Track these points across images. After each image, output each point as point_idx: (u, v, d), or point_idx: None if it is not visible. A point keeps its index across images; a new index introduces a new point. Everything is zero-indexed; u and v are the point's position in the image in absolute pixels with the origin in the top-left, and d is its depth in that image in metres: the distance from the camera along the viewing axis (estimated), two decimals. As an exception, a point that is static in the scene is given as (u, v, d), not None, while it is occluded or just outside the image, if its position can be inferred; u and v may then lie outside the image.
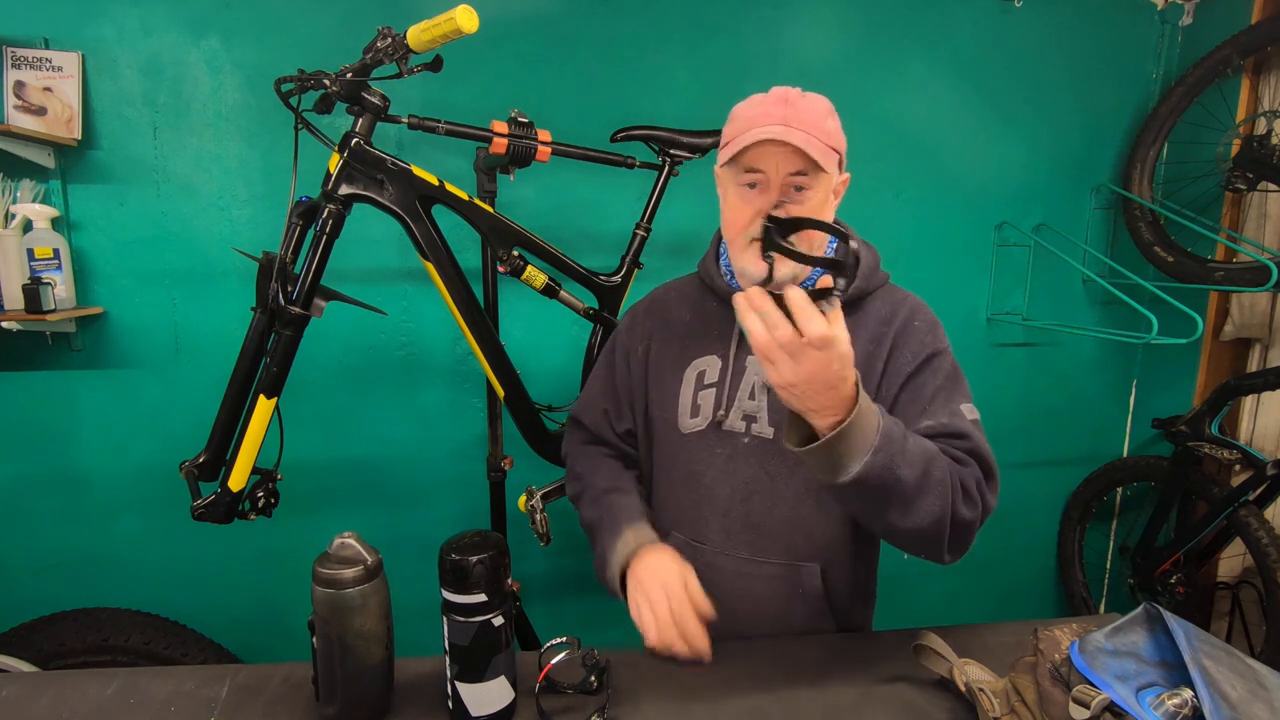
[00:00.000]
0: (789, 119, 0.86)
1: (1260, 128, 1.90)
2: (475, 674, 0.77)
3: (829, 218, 0.95)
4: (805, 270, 0.93)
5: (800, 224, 0.78)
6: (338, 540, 0.79)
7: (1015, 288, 2.08)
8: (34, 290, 1.40)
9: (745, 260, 0.94)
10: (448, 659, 0.78)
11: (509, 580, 0.80)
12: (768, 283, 0.74)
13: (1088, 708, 0.65)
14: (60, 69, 1.49)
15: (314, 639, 0.78)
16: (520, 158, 1.36)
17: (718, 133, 0.98)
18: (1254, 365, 2.08)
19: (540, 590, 1.92)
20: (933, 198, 1.97)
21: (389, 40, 1.10)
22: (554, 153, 1.39)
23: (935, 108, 1.92)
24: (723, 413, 1.00)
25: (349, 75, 1.15)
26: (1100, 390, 2.20)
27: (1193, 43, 2.01)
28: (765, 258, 0.74)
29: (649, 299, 1.16)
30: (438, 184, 1.28)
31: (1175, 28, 2.03)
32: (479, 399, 1.79)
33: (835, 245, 1.03)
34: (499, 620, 0.77)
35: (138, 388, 1.65)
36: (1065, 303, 2.12)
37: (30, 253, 1.47)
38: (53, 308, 1.43)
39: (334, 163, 1.20)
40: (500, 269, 1.38)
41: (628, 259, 1.52)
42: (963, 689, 0.81)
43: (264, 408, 1.19)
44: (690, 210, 1.76)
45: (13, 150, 1.45)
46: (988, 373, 2.11)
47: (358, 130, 1.20)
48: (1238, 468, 2.03)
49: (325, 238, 1.19)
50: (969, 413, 0.92)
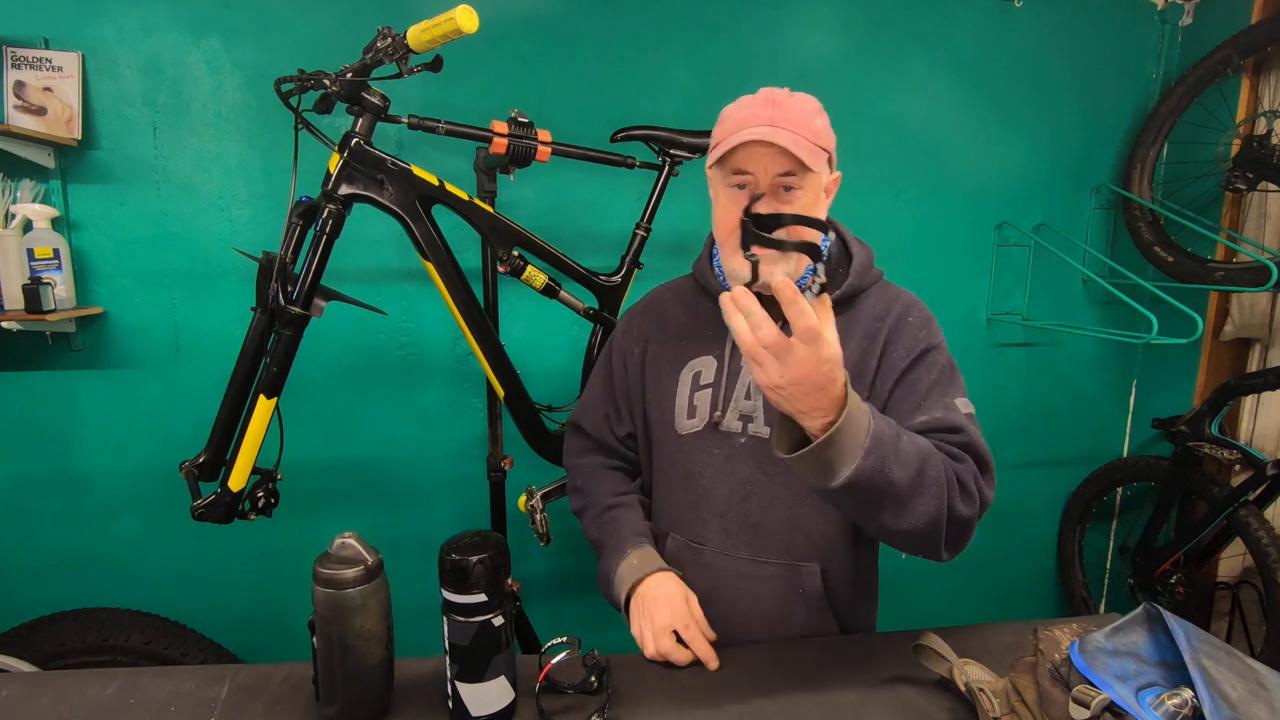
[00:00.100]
0: (776, 119, 0.86)
1: (1260, 128, 1.90)
2: (475, 674, 0.77)
3: (821, 216, 0.95)
4: (797, 274, 0.93)
5: (780, 220, 0.77)
6: (338, 540, 0.79)
7: (1015, 288, 2.08)
8: (34, 290, 1.40)
9: (735, 262, 0.94)
10: (448, 659, 0.78)
11: (509, 580, 0.80)
12: (753, 283, 0.73)
13: (1088, 708, 0.65)
14: (60, 69, 1.49)
15: (314, 639, 0.78)
16: (520, 158, 1.36)
17: (717, 133, 0.98)
18: (1254, 365, 2.08)
19: (540, 590, 1.92)
20: (933, 198, 1.97)
21: (389, 40, 1.10)
22: (554, 153, 1.39)
23: (935, 108, 1.92)
24: (719, 413, 1.00)
25: (349, 75, 1.15)
26: (1100, 390, 2.20)
27: (1193, 43, 2.01)
28: (747, 256, 0.73)
29: (645, 301, 1.16)
30: (438, 184, 1.28)
31: (1175, 28, 2.03)
32: (479, 399, 1.79)
33: (829, 243, 1.03)
34: (499, 620, 0.77)
35: (138, 388, 1.65)
36: (1065, 303, 2.12)
37: (30, 253, 1.47)
38: (53, 308, 1.43)
39: (334, 163, 1.20)
40: (500, 269, 1.38)
41: (628, 259, 1.53)
42: (963, 689, 0.81)
43: (264, 408, 1.20)
44: (690, 210, 1.76)
45: (13, 150, 1.45)
46: (988, 373, 2.11)
47: (358, 130, 1.20)
48: (1238, 468, 2.03)
49: (325, 238, 1.19)
50: (964, 407, 0.92)
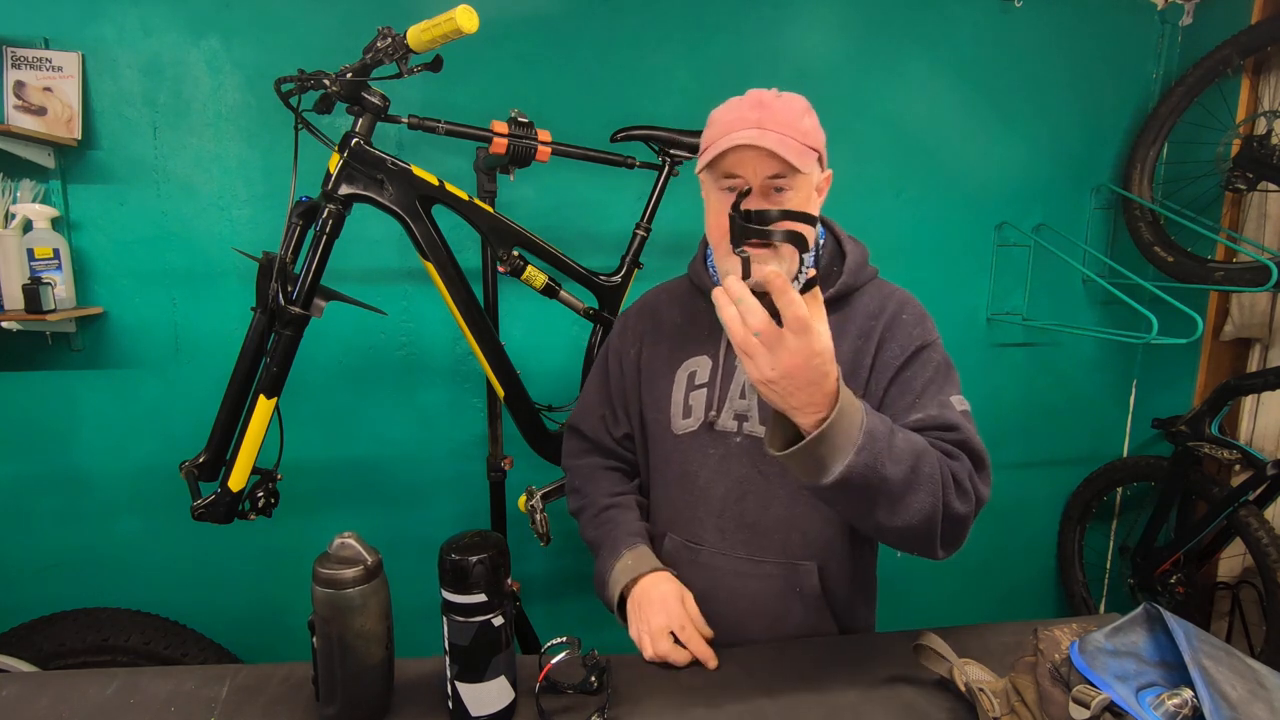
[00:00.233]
0: (764, 121, 0.86)
1: (1260, 128, 1.90)
2: (475, 674, 0.77)
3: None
4: (789, 272, 0.92)
5: (768, 215, 0.77)
6: (338, 540, 0.79)
7: (1015, 288, 2.08)
8: (34, 290, 1.40)
9: (729, 263, 0.93)
10: (448, 659, 0.78)
11: (509, 580, 0.80)
12: (745, 280, 0.73)
13: (1088, 708, 0.65)
14: (60, 69, 1.49)
15: (314, 639, 0.78)
16: (520, 158, 1.36)
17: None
18: (1254, 365, 2.08)
19: (540, 590, 1.92)
20: (933, 198, 1.97)
21: (389, 40, 1.10)
22: (554, 153, 1.39)
23: (935, 108, 1.92)
24: (714, 413, 1.00)
25: (349, 75, 1.15)
26: (1100, 390, 2.20)
27: (1193, 43, 2.01)
28: (737, 252, 0.73)
29: (640, 302, 1.16)
30: (438, 184, 1.28)
31: (1175, 28, 2.03)
32: (479, 399, 1.79)
33: (824, 238, 1.03)
34: (499, 620, 0.77)
35: (138, 388, 1.65)
36: (1065, 303, 2.12)
37: (30, 253, 1.47)
38: (53, 308, 1.43)
39: (334, 163, 1.20)
40: (500, 269, 1.38)
41: (628, 259, 1.52)
42: (963, 689, 0.81)
43: (264, 408, 1.20)
44: (690, 210, 1.74)
45: (13, 150, 1.45)
46: (988, 373, 2.11)
47: (358, 130, 1.20)
48: (1238, 468, 2.03)
49: (325, 238, 1.19)
50: (959, 404, 0.92)
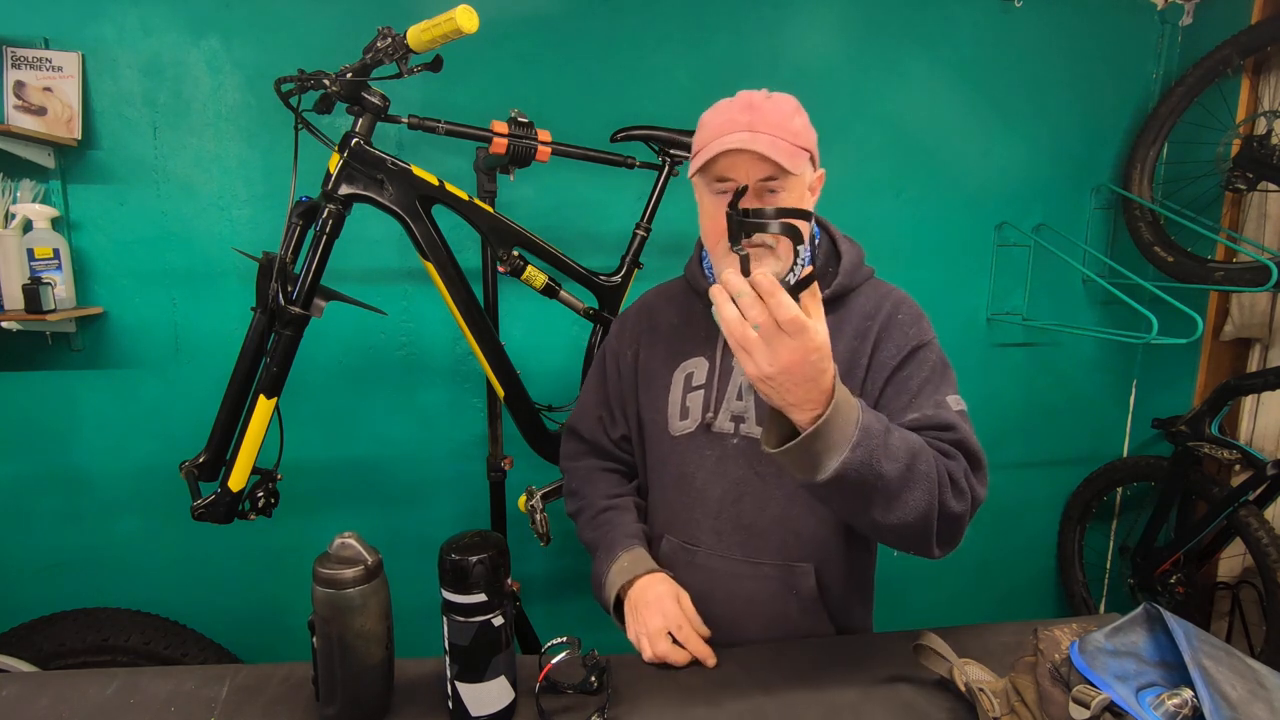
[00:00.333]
0: (754, 124, 0.86)
1: (1260, 128, 1.89)
2: (475, 674, 0.77)
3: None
4: (784, 271, 0.93)
5: (764, 212, 0.77)
6: (338, 540, 0.79)
7: (1015, 288, 2.08)
8: (34, 290, 1.40)
9: (725, 265, 0.93)
10: (448, 659, 0.78)
11: (509, 580, 0.80)
12: (744, 277, 0.73)
13: (1088, 708, 0.65)
14: (60, 69, 1.49)
15: (314, 639, 0.78)
16: (520, 158, 1.36)
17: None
18: (1254, 365, 2.08)
19: (540, 590, 1.92)
20: (933, 198, 1.97)
21: (389, 40, 1.10)
22: (554, 153, 1.39)
23: (935, 108, 1.92)
24: (711, 414, 1.00)
25: (349, 75, 1.15)
26: (1100, 390, 2.19)
27: (1193, 43, 2.01)
28: (735, 249, 0.73)
29: (637, 304, 1.16)
30: (438, 184, 1.28)
31: (1175, 28, 2.03)
32: (479, 399, 1.79)
33: (820, 239, 1.03)
34: (499, 620, 0.77)
35: (138, 388, 1.65)
36: (1065, 303, 2.12)
37: (30, 253, 1.47)
38: (53, 308, 1.43)
39: (334, 163, 1.20)
40: (500, 269, 1.38)
41: (628, 259, 1.52)
42: (963, 689, 0.81)
43: (264, 408, 1.20)
44: (690, 210, 1.72)
45: (13, 150, 1.45)
46: (988, 373, 2.11)
47: (358, 130, 1.20)
48: (1238, 468, 2.03)
49: (325, 238, 1.20)
50: (955, 404, 0.92)
